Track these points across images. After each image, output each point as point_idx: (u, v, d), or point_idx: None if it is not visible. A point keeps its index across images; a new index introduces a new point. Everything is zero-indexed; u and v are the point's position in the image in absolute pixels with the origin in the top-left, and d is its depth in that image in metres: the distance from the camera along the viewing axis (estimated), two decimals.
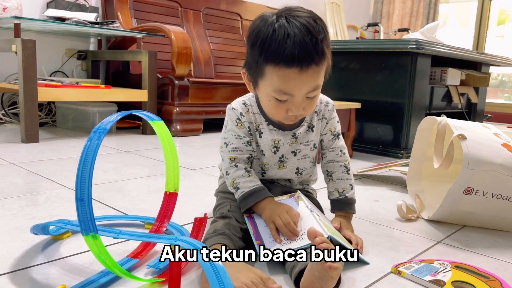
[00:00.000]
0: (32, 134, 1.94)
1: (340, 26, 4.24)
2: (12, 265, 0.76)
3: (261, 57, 0.77)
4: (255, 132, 0.90)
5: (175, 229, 0.93)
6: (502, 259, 0.89)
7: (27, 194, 1.19)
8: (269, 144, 0.90)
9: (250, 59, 0.82)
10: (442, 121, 1.11)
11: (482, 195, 1.01)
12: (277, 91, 0.78)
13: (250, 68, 0.83)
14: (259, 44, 0.77)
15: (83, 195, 0.59)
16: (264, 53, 0.76)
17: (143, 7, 2.83)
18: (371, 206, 1.23)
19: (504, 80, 4.89)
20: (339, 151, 0.96)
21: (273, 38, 0.75)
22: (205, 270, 0.56)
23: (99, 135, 0.63)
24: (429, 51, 1.93)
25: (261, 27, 0.78)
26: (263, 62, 0.78)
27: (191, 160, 1.75)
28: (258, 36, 0.78)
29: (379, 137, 2.07)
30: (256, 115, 0.90)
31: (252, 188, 0.86)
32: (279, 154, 0.91)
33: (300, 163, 0.94)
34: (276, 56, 0.75)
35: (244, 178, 0.88)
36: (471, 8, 4.67)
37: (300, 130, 0.91)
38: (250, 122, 0.90)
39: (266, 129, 0.90)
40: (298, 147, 0.92)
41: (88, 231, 0.61)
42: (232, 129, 0.90)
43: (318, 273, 0.65)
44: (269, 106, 0.83)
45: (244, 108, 0.90)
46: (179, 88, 2.41)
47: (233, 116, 0.90)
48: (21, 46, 1.86)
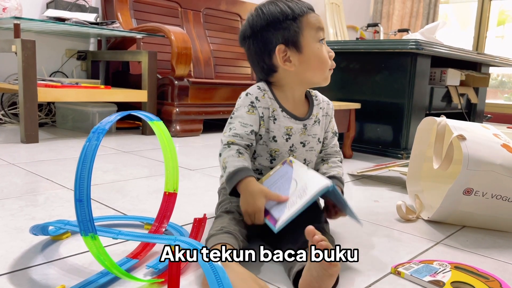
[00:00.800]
0: (32, 135, 1.94)
1: (340, 27, 4.24)
2: (11, 265, 0.76)
3: (290, 19, 0.89)
4: (268, 118, 0.91)
5: (175, 230, 0.93)
6: (502, 259, 0.89)
7: (26, 194, 1.19)
8: (282, 131, 0.92)
9: (280, 33, 0.89)
10: (442, 122, 1.11)
11: (481, 195, 1.01)
12: (318, 29, 0.91)
13: (285, 39, 0.90)
14: (281, 14, 0.89)
15: (82, 195, 0.59)
16: (292, 14, 0.89)
17: (143, 7, 2.83)
18: (370, 207, 1.23)
19: (504, 81, 4.89)
20: (337, 148, 1.02)
21: (283, 7, 0.89)
22: (204, 271, 0.56)
23: (98, 136, 0.63)
24: (429, 52, 1.94)
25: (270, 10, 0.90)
26: (295, 20, 0.89)
27: (190, 160, 1.75)
28: (275, 14, 0.90)
29: (379, 138, 2.07)
30: (272, 100, 0.92)
31: (237, 167, 0.84)
32: (290, 142, 0.93)
33: (307, 154, 0.96)
34: (300, 8, 0.90)
35: (233, 158, 0.85)
36: (471, 9, 4.67)
37: (309, 122, 0.95)
38: (265, 108, 0.91)
39: (280, 115, 0.92)
40: (307, 138, 0.95)
41: (87, 232, 0.61)
42: (240, 116, 0.90)
43: (317, 272, 0.65)
44: (319, 57, 0.91)
45: (259, 93, 0.92)
46: (178, 88, 2.41)
47: (246, 101, 0.91)
48: (20, 47, 1.86)
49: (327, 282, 0.65)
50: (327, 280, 0.65)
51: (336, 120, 2.00)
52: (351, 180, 1.55)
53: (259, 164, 0.93)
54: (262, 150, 0.92)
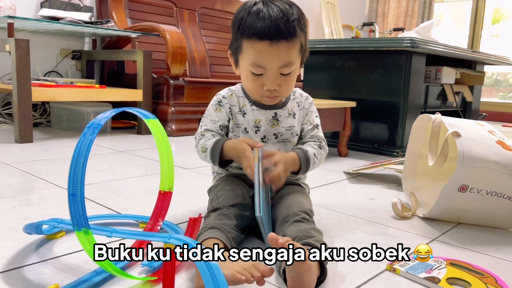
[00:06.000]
0: (26, 134, 1.93)
1: (336, 26, 4.25)
2: (5, 264, 0.75)
3: (239, 34, 0.88)
4: (237, 113, 0.98)
5: (170, 228, 0.92)
6: (497, 256, 0.90)
7: (20, 194, 1.18)
8: (251, 124, 0.97)
9: (232, 39, 0.92)
10: (437, 119, 1.11)
11: (476, 192, 1.01)
12: (252, 64, 0.87)
13: (232, 46, 0.93)
14: (237, 22, 0.88)
15: (75, 190, 0.59)
16: (241, 30, 0.87)
17: (138, 6, 2.82)
18: (366, 204, 1.23)
19: (499, 79, 4.91)
20: (317, 139, 1.01)
21: (249, 16, 0.86)
22: (199, 268, 0.56)
23: (93, 131, 0.62)
24: (424, 50, 1.94)
25: (240, 10, 0.89)
26: (240, 37, 0.88)
27: (186, 159, 1.74)
28: (237, 17, 0.89)
29: (375, 136, 2.08)
30: (240, 98, 0.99)
31: (215, 141, 0.93)
32: (261, 134, 0.97)
33: (280, 145, 0.99)
34: (250, 30, 0.84)
35: (210, 139, 0.94)
36: (465, 8, 4.69)
37: (281, 113, 0.98)
38: (232, 105, 0.98)
39: (249, 109, 0.97)
40: (280, 130, 0.98)
41: (80, 227, 0.60)
42: (209, 114, 0.99)
43: (295, 273, 0.66)
44: (247, 81, 0.91)
45: (227, 92, 1.00)
46: (174, 87, 2.41)
47: (214, 101, 0.99)
48: (14, 46, 1.85)
49: (307, 277, 0.66)
50: (306, 276, 0.66)
51: (331, 118, 2.01)
52: (347, 178, 1.55)
53: None
54: None
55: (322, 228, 0.85)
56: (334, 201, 1.25)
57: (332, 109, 1.86)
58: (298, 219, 0.81)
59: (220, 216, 0.83)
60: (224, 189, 0.92)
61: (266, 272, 0.66)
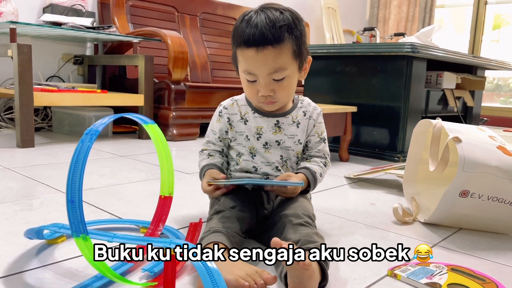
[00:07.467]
0: (28, 139, 1.93)
1: (337, 31, 4.26)
2: (6, 269, 0.75)
3: (233, 42, 0.91)
4: (238, 121, 0.99)
5: (170, 233, 0.92)
6: (498, 261, 0.89)
7: (22, 198, 1.18)
8: (253, 131, 0.98)
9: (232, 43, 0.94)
10: (437, 124, 1.11)
11: (477, 197, 1.01)
12: (245, 72, 0.89)
13: (232, 55, 0.94)
14: (232, 32, 0.91)
15: (73, 196, 0.59)
16: (234, 38, 0.90)
17: (140, 12, 2.83)
18: (367, 209, 1.23)
19: (500, 84, 4.91)
20: (323, 154, 1.02)
21: (241, 25, 0.87)
22: (200, 273, 0.56)
23: (90, 137, 0.63)
24: (425, 55, 1.94)
25: (238, 19, 0.91)
26: (234, 46, 0.90)
27: (187, 164, 1.74)
28: (234, 26, 0.91)
29: (375, 141, 2.08)
30: (242, 106, 1.00)
31: (204, 165, 0.99)
32: (262, 140, 0.97)
33: (283, 151, 0.98)
34: (239, 38, 0.87)
35: (204, 159, 1.01)
36: (466, 13, 4.70)
37: (283, 121, 0.98)
38: (232, 114, 1.00)
39: (251, 117, 0.98)
40: (282, 137, 0.98)
41: (78, 233, 0.60)
42: (212, 125, 1.03)
43: (296, 278, 0.66)
44: (245, 88, 0.94)
45: (229, 102, 1.02)
46: (175, 92, 2.41)
47: (216, 111, 1.03)
48: (17, 51, 1.86)
49: (308, 283, 0.66)
50: (309, 280, 0.66)
51: (332, 123, 2.01)
52: (348, 183, 1.55)
53: (244, 160, 0.98)
54: (242, 149, 0.99)
55: (323, 233, 0.85)
56: (335, 206, 1.25)
57: (333, 114, 1.86)
58: (301, 222, 0.82)
59: (223, 219, 0.83)
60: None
61: (269, 279, 0.66)
